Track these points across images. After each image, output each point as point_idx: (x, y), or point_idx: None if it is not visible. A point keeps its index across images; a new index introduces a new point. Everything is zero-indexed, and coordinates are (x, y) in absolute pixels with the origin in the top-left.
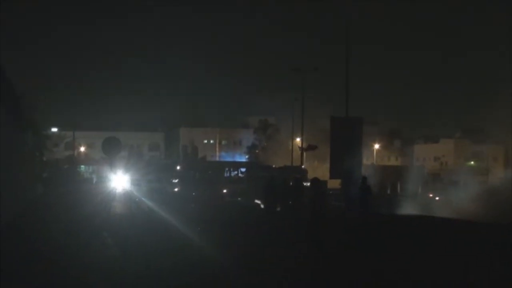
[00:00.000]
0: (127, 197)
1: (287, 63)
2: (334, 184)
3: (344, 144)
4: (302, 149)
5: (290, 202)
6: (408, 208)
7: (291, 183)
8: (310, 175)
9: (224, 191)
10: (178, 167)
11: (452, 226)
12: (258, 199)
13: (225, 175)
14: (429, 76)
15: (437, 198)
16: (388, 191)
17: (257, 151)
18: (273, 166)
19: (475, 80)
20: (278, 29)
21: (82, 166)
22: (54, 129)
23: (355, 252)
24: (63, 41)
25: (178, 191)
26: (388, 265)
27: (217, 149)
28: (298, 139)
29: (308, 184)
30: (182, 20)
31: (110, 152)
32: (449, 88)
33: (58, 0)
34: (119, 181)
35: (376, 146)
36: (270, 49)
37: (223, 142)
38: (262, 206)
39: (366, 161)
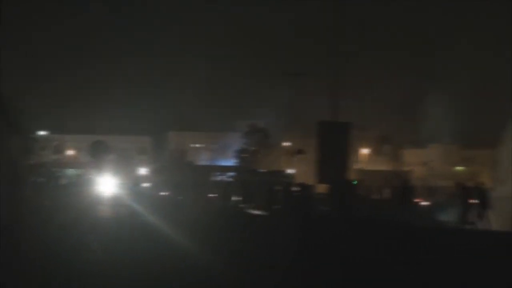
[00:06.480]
0: (115, 201)
1: (279, 67)
2: (321, 189)
3: (332, 149)
4: (293, 153)
5: (276, 206)
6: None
7: (278, 188)
8: (298, 180)
9: (212, 195)
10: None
11: None
12: (244, 203)
13: (213, 179)
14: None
15: (423, 204)
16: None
17: (245, 155)
18: (260, 170)
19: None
20: (268, 32)
21: (70, 169)
22: (42, 132)
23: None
24: (52, 41)
25: (165, 195)
26: None
27: (205, 153)
28: (287, 143)
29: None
30: (172, 22)
31: (98, 155)
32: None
33: None
34: (107, 184)
35: (365, 151)
36: (260, 52)
37: (212, 146)
38: (249, 210)
39: (355, 166)
